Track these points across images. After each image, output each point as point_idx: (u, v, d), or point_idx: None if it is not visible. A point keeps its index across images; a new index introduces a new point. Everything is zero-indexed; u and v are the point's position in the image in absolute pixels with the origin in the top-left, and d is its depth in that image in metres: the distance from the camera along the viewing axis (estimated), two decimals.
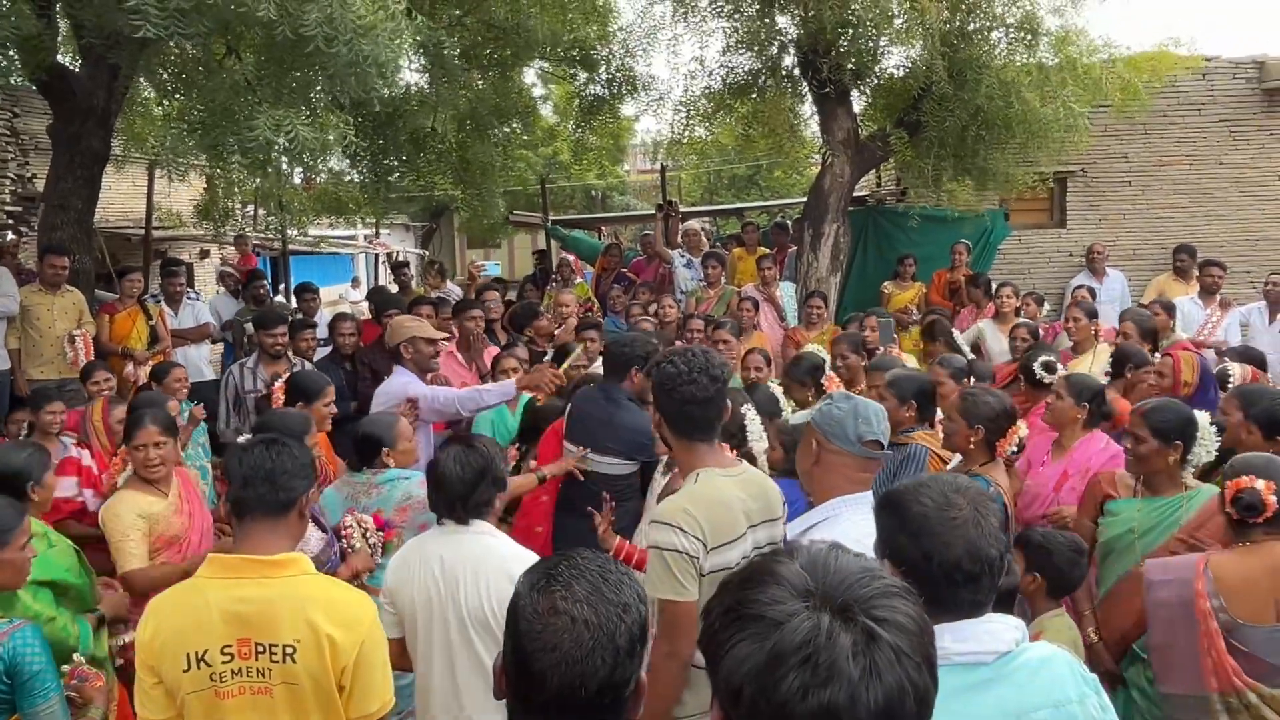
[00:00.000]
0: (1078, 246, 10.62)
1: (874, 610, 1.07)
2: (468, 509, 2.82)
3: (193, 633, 2.15)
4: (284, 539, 2.28)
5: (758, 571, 1.14)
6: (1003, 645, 1.69)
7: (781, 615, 1.06)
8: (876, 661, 1.03)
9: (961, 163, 8.44)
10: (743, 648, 1.06)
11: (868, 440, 2.51)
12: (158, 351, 7.64)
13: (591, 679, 1.34)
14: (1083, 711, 1.68)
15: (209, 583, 2.21)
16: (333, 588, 2.32)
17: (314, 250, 15.86)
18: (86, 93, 7.17)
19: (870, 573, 1.12)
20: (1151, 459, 3.34)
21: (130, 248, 11.64)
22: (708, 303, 8.39)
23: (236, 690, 2.16)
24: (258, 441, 2.35)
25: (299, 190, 10.03)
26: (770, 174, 22.98)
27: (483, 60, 8.87)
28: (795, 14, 8.30)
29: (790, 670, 1.02)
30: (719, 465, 2.64)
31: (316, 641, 2.15)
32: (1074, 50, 8.07)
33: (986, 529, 1.71)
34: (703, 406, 2.59)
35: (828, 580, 1.10)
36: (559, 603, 1.38)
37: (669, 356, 2.69)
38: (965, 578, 1.68)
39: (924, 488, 1.78)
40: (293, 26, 4.93)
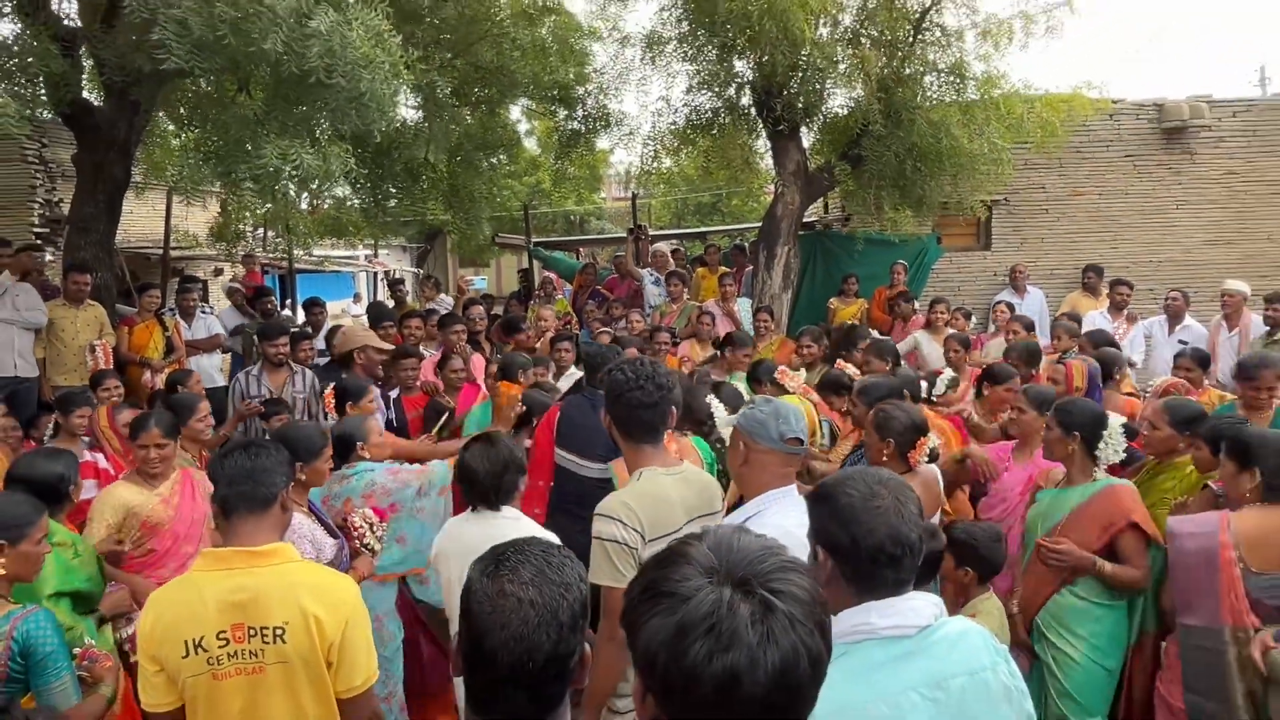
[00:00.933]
0: (1001, 267, 10.77)
1: (770, 583, 1.10)
2: (498, 496, 2.92)
3: (189, 622, 2.13)
4: (269, 531, 2.27)
5: (671, 553, 1.18)
6: (923, 619, 1.72)
7: (689, 590, 1.09)
8: (773, 628, 1.06)
9: (900, 192, 8.54)
10: (656, 621, 1.09)
11: (789, 438, 2.50)
12: (173, 361, 7.57)
13: (538, 652, 1.36)
14: (994, 678, 1.72)
15: (203, 575, 2.20)
16: (318, 572, 2.31)
17: (318, 269, 15.74)
18: (109, 125, 7.10)
19: (769, 550, 1.16)
20: (1054, 446, 3.50)
21: (150, 266, 11.51)
22: (671, 316, 8.44)
23: (233, 671, 2.14)
24: (237, 446, 2.34)
25: (304, 214, 9.97)
26: (730, 202, 23.10)
27: (471, 98, 8.87)
28: (751, 59, 8.37)
29: (697, 639, 1.05)
30: (662, 465, 2.63)
31: (305, 622, 2.14)
32: (997, 92, 8.21)
33: (906, 515, 1.75)
34: (649, 411, 2.59)
35: (731, 558, 1.13)
36: (507, 585, 1.40)
37: (619, 365, 2.68)
38: (888, 559, 1.71)
39: (850, 480, 1.81)
40: (298, 62, 4.92)
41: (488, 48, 8.04)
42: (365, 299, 19.93)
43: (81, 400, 5.04)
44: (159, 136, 9.41)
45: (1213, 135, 10.57)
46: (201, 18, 4.65)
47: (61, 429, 5.00)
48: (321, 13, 4.75)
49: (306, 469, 3.19)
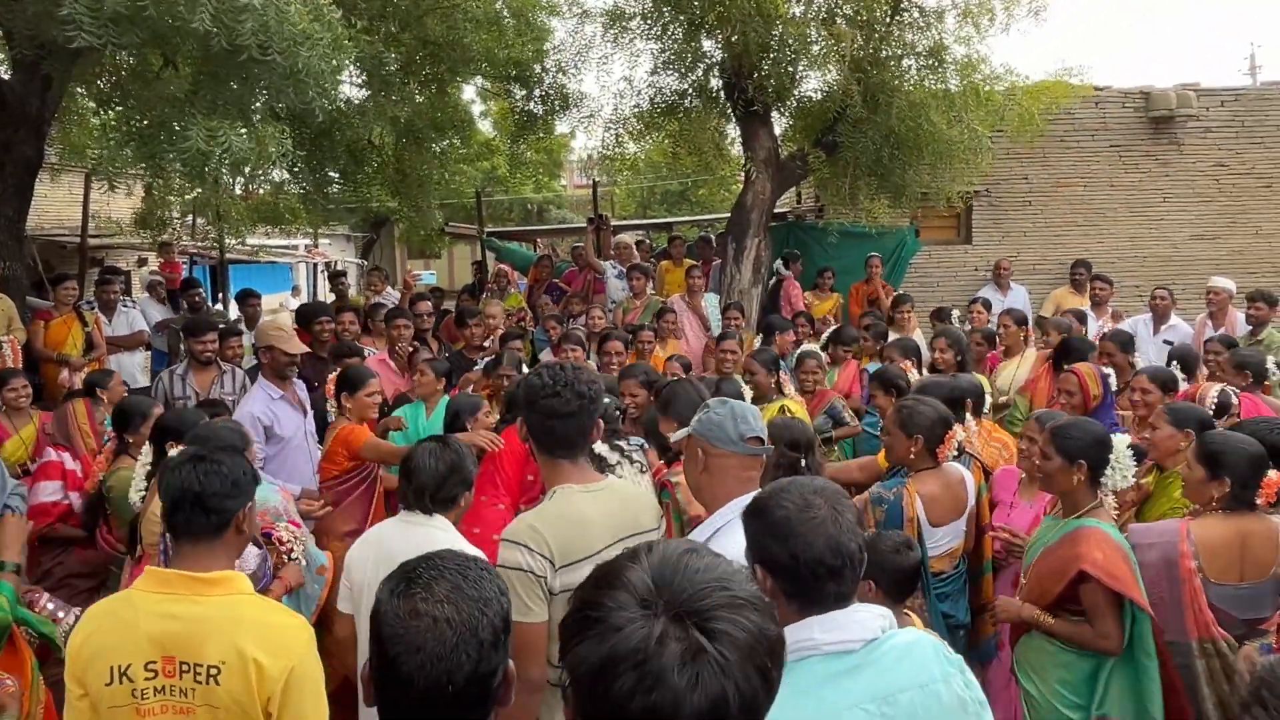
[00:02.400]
0: (983, 261, 10.94)
1: (709, 623, 1.08)
2: (434, 501, 2.89)
3: (118, 646, 2.05)
4: (220, 557, 2.17)
5: (609, 574, 1.16)
6: (869, 633, 1.73)
7: (621, 620, 1.08)
8: (701, 673, 1.05)
9: (876, 181, 8.62)
10: (585, 647, 1.10)
11: (749, 438, 2.44)
12: (93, 358, 7.41)
13: (458, 673, 1.35)
14: (946, 690, 1.73)
15: (142, 596, 2.11)
16: (266, 611, 2.19)
17: (253, 259, 15.51)
18: (19, 100, 6.92)
19: (719, 583, 1.13)
20: (1056, 477, 3.13)
21: (66, 255, 11.25)
22: (634, 313, 8.44)
23: (158, 708, 2.05)
24: (187, 459, 2.20)
25: (237, 200, 9.81)
26: (698, 191, 23.17)
27: (420, 75, 8.79)
28: (720, 37, 8.40)
29: (622, 674, 1.05)
30: (580, 482, 2.49)
31: (242, 666, 2.03)
32: (977, 77, 8.33)
33: (844, 525, 1.75)
34: (564, 421, 2.45)
35: (672, 587, 1.11)
36: (420, 604, 1.38)
37: (537, 370, 2.55)
38: (829, 571, 1.72)
39: (783, 492, 1.81)
40: (229, 37, 4.84)
41: (437, 21, 7.96)
42: (305, 292, 19.67)
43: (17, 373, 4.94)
44: (77, 114, 9.19)
45: (1200, 125, 10.83)
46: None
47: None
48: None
49: None
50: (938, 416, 3.59)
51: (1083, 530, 3.00)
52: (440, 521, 2.90)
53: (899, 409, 3.68)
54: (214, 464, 2.19)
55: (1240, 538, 3.07)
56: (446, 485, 2.90)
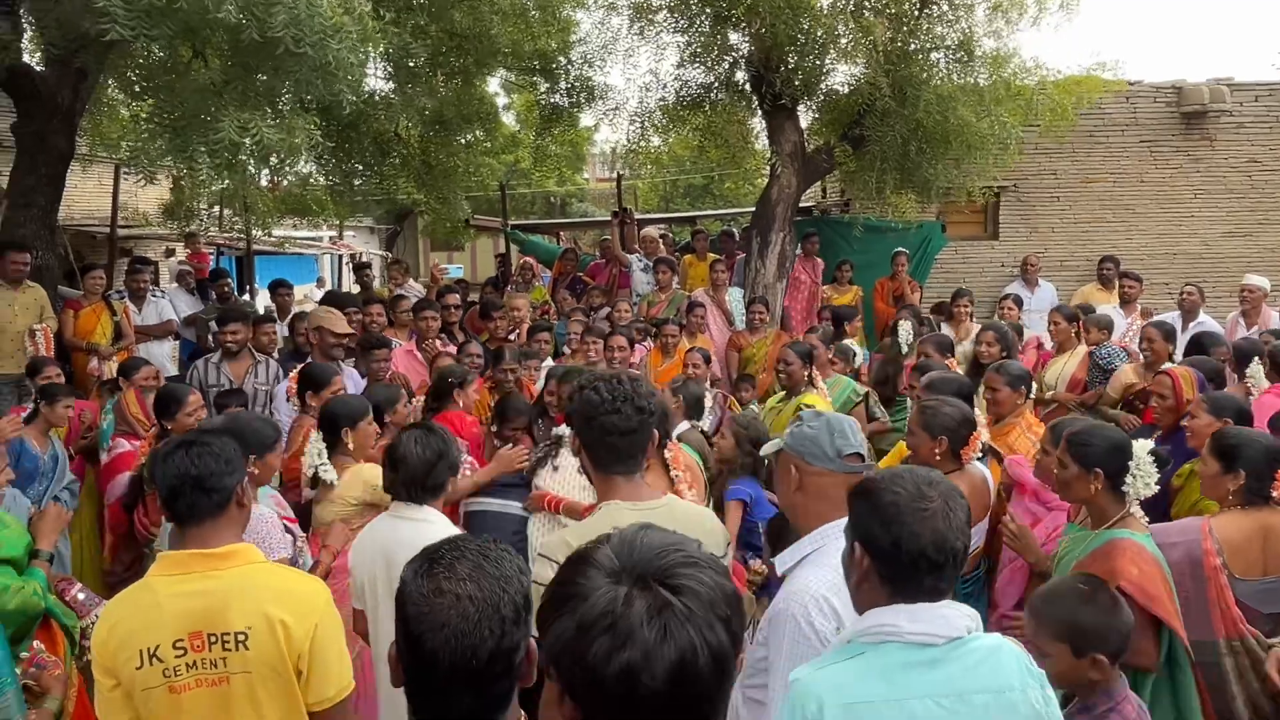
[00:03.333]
0: (1010, 257, 10.85)
1: (669, 579, 1.15)
2: (424, 490, 2.89)
3: (144, 630, 2.09)
4: (227, 531, 2.22)
5: (577, 556, 1.23)
6: (954, 631, 1.73)
7: (587, 591, 1.15)
8: (669, 624, 1.10)
9: (903, 175, 8.57)
10: (560, 622, 1.15)
11: (847, 454, 2.33)
12: (122, 347, 7.50)
13: (481, 648, 1.38)
14: (1023, 700, 1.72)
15: (159, 580, 2.15)
16: (283, 575, 2.26)
17: (279, 251, 15.62)
18: (51, 92, 7.01)
19: (670, 547, 1.20)
20: (1074, 486, 3.01)
21: (96, 245, 11.38)
22: (658, 306, 8.44)
23: (192, 683, 2.09)
24: (175, 445, 2.23)
25: (264, 192, 9.90)
26: (724, 185, 23.11)
27: (446, 67, 8.81)
28: (748, 30, 8.37)
29: (595, 637, 1.11)
30: (633, 499, 2.36)
31: (270, 628, 2.09)
32: (1007, 71, 8.26)
33: (954, 522, 1.76)
34: (625, 438, 2.34)
35: (633, 557, 1.18)
36: (443, 583, 1.41)
37: (593, 383, 2.43)
38: (930, 565, 1.73)
39: (898, 478, 1.81)
40: (259, 29, 4.87)
41: (464, 13, 7.98)
42: (329, 284, 19.80)
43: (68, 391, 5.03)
44: (107, 105, 9.30)
45: (1234, 120, 10.68)
46: None
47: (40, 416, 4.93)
48: None
49: (258, 463, 3.17)
50: (962, 417, 3.52)
51: (1116, 543, 2.84)
52: (430, 513, 2.91)
53: (922, 409, 3.61)
54: (204, 445, 2.23)
55: (1262, 532, 3.05)
56: (435, 472, 2.90)
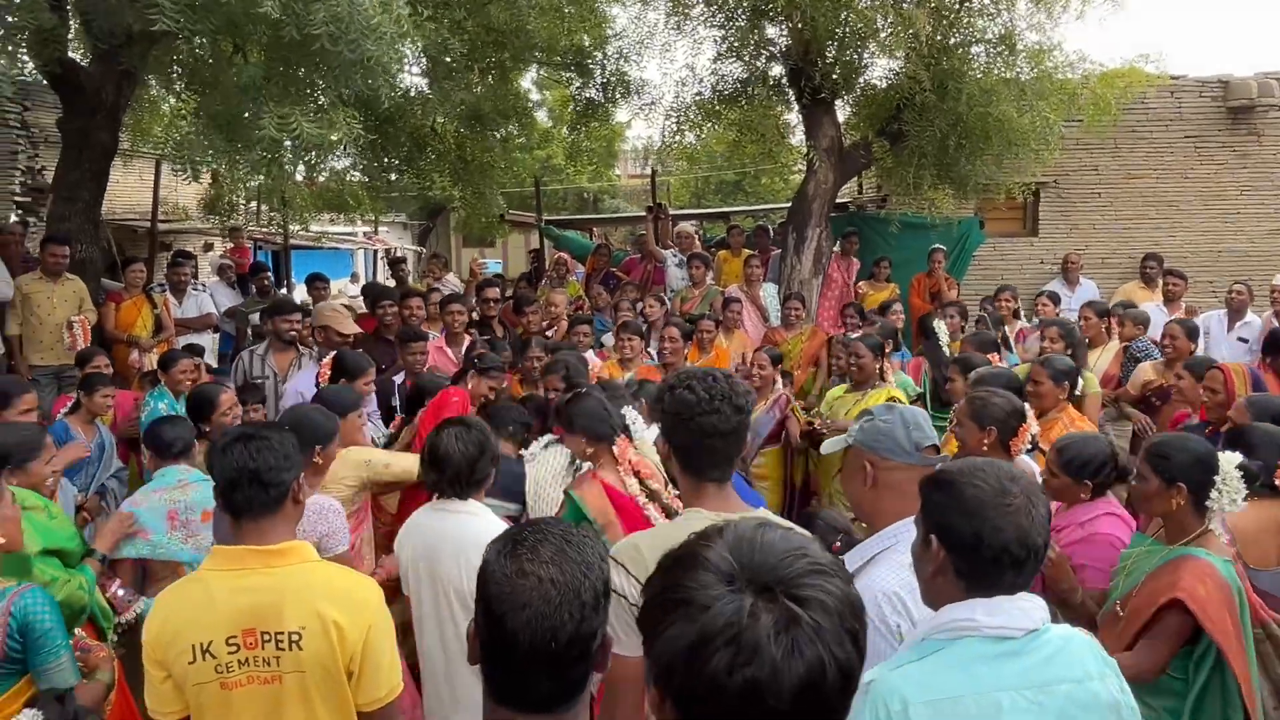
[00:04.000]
0: (1049, 255, 10.69)
1: (796, 590, 1.09)
2: (469, 484, 2.90)
3: (197, 625, 2.10)
4: (283, 528, 2.22)
5: (686, 555, 1.17)
6: (1031, 623, 1.73)
7: (708, 599, 1.09)
8: (797, 640, 1.05)
9: (941, 171, 8.46)
10: (674, 630, 1.10)
11: (925, 447, 2.27)
12: (162, 340, 7.59)
13: (561, 632, 1.38)
14: (1103, 688, 1.72)
15: (212, 575, 2.15)
16: (337, 574, 2.25)
17: (315, 245, 15.78)
18: (96, 88, 7.10)
19: (795, 552, 1.13)
20: (1154, 501, 2.87)
21: (136, 239, 11.55)
22: (692, 301, 8.40)
23: (245, 680, 2.10)
24: (235, 439, 2.23)
25: (301, 187, 9.98)
26: (759, 181, 22.99)
27: (482, 63, 8.82)
28: (785, 24, 8.30)
29: (716, 650, 1.05)
30: (717, 509, 2.17)
31: (323, 629, 2.09)
32: (1049, 65, 8.12)
33: (1036, 518, 1.74)
34: (723, 440, 2.17)
35: (752, 561, 1.12)
36: (526, 565, 1.41)
37: (686, 381, 2.23)
38: (1012, 561, 1.71)
39: (980, 471, 1.79)
40: (299, 26, 4.90)
41: (501, 8, 7.99)
42: (363, 278, 19.97)
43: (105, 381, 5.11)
44: (148, 101, 9.42)
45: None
46: None
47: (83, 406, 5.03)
48: None
49: (321, 453, 3.23)
50: (1012, 409, 3.51)
51: (1187, 560, 2.74)
52: (475, 506, 2.92)
53: (971, 400, 3.61)
54: (263, 440, 2.23)
55: (1274, 523, 3.10)
56: (479, 466, 2.91)
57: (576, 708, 1.44)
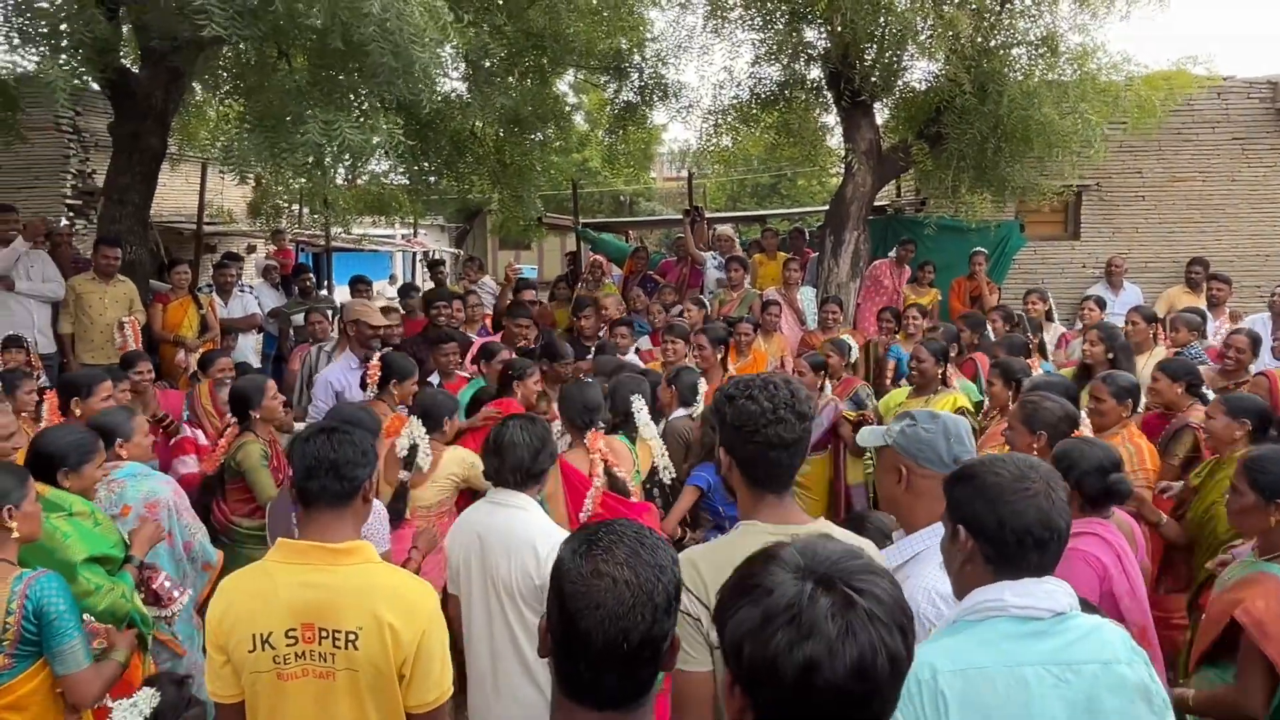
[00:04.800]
0: (1091, 259, 10.55)
1: (853, 581, 1.20)
2: (528, 476, 2.95)
3: (259, 615, 2.15)
4: (348, 526, 2.26)
5: (760, 554, 1.30)
6: (1059, 605, 1.77)
7: (773, 584, 1.21)
8: (852, 623, 1.15)
9: (981, 174, 8.39)
10: (743, 611, 1.21)
11: (963, 460, 2.22)
12: (207, 340, 7.73)
13: (633, 633, 1.41)
14: (1132, 674, 1.73)
15: (277, 566, 2.20)
16: (395, 577, 2.28)
17: (357, 247, 15.97)
18: (146, 93, 7.26)
19: (853, 553, 1.26)
20: (1251, 516, 2.80)
21: (182, 241, 11.77)
22: (730, 304, 8.39)
23: (300, 673, 2.14)
24: (318, 430, 2.31)
25: (342, 189, 10.12)
26: (796, 183, 22.90)
27: (522, 66, 8.90)
28: (826, 27, 8.28)
29: (779, 628, 1.16)
30: (776, 521, 2.10)
31: (379, 630, 2.12)
32: (1092, 66, 8.02)
33: (1056, 501, 1.81)
34: (787, 452, 2.09)
35: (816, 557, 1.24)
36: (601, 565, 1.45)
37: (746, 390, 2.12)
38: (1035, 542, 1.77)
39: (998, 461, 1.88)
40: (344, 34, 4.99)
41: (540, 12, 8.06)
42: (401, 280, 20.17)
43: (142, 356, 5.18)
44: (194, 106, 9.60)
45: None
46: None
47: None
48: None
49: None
50: (1064, 414, 3.51)
51: (1262, 575, 2.66)
52: (527, 501, 2.95)
53: (1023, 404, 3.62)
54: (345, 434, 2.29)
55: None
56: (540, 459, 2.97)
57: (645, 705, 1.48)
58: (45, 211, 9.69)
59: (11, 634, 2.55)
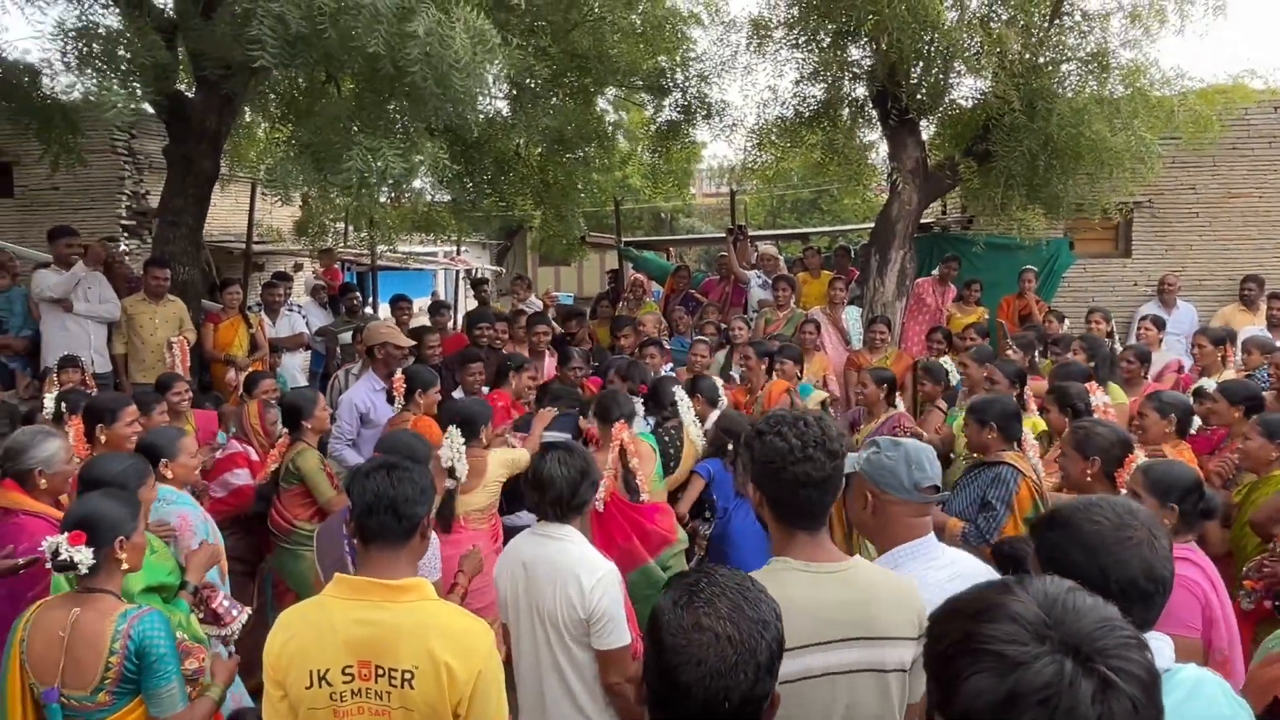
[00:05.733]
0: (1143, 276, 10.34)
1: (1113, 661, 1.05)
2: (569, 508, 2.91)
3: (316, 651, 2.14)
4: (406, 563, 2.25)
5: (991, 604, 1.13)
6: (1164, 662, 1.67)
7: (1022, 655, 1.05)
8: (1114, 711, 1.02)
9: (1031, 191, 8.26)
10: (979, 681, 1.07)
11: (924, 486, 2.27)
12: (257, 358, 7.83)
13: (735, 692, 1.36)
14: None
15: (334, 602, 2.19)
16: (452, 616, 2.26)
17: (401, 266, 16.14)
18: (200, 117, 7.40)
19: (1109, 622, 1.11)
20: None
21: (231, 260, 11.99)
22: (776, 324, 8.33)
23: (355, 710, 2.13)
24: (378, 466, 2.30)
25: (387, 209, 10.24)
26: (838, 200, 22.74)
27: (565, 87, 8.96)
28: (870, 45, 8.23)
29: (1028, 710, 1.03)
30: (809, 559, 2.06)
31: (435, 670, 2.10)
32: (1145, 82, 7.88)
33: (1160, 550, 1.73)
34: (817, 490, 2.03)
35: (1066, 623, 1.08)
36: (703, 618, 1.41)
37: (776, 427, 2.08)
38: (1140, 595, 1.69)
39: (1096, 507, 1.78)
40: (394, 61, 5.05)
41: (585, 33, 8.11)
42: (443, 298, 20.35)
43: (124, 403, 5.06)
44: (244, 129, 9.79)
45: None
46: (300, 11, 4.81)
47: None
48: (424, 11, 4.85)
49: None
50: (1116, 439, 3.45)
51: None
52: (571, 533, 2.92)
53: (1075, 429, 3.57)
54: (405, 471, 2.28)
55: None
56: (580, 490, 2.93)
57: None
58: (101, 232, 9.93)
59: (114, 673, 2.54)
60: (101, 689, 2.53)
